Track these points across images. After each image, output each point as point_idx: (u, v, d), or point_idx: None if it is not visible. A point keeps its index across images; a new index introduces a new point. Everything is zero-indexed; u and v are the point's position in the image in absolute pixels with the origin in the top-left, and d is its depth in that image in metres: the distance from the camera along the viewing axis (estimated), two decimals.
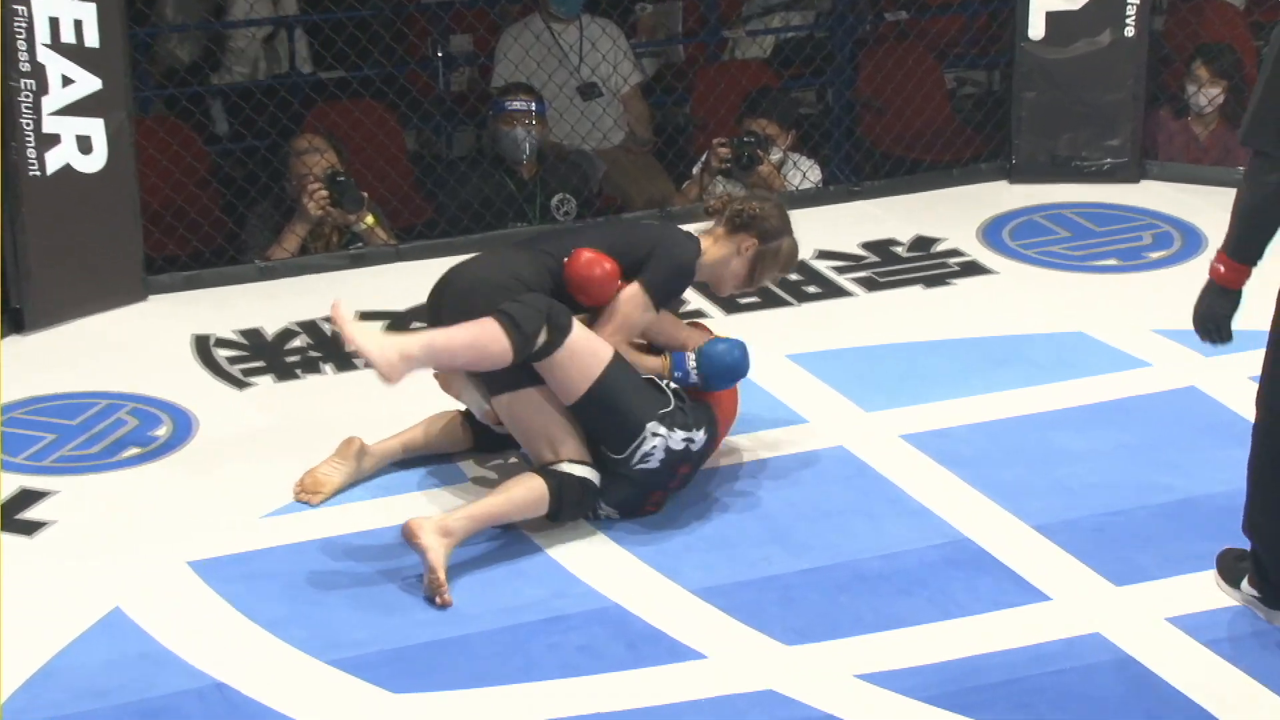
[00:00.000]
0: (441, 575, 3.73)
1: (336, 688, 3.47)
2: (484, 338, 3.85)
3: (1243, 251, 3.50)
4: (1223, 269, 3.54)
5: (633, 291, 4.07)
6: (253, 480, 4.25)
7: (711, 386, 4.12)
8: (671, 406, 3.98)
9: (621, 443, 3.95)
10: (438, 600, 3.72)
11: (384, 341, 3.86)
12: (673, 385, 4.07)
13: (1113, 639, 3.55)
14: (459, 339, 3.88)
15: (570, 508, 3.94)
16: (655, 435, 3.94)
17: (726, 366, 4.11)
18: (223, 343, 5.05)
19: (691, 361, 4.11)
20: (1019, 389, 4.65)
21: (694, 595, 3.75)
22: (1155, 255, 5.57)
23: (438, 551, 3.73)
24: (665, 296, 4.13)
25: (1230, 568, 3.72)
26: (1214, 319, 3.59)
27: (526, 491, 3.89)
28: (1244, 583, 3.66)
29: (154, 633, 3.64)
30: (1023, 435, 4.41)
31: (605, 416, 3.94)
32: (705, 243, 4.17)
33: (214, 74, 6.45)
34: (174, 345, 5.02)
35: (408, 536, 3.78)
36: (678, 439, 3.95)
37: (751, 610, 3.68)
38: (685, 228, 4.30)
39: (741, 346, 4.15)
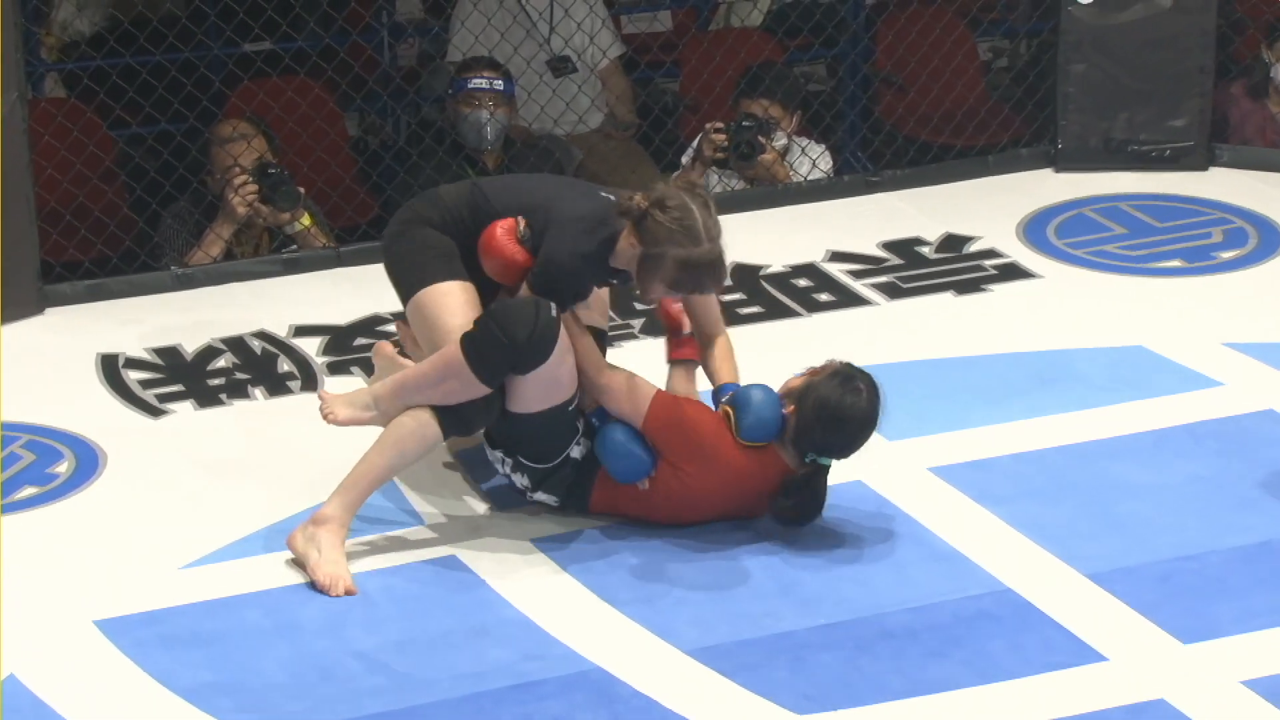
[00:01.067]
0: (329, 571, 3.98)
1: None
2: (446, 370, 4.05)
3: None
4: None
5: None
6: (170, 525, 4.27)
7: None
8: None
9: (543, 457, 4.16)
10: (342, 590, 3.96)
11: (362, 398, 4.20)
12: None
13: (1180, 706, 3.57)
14: (425, 374, 4.11)
15: (478, 420, 4.12)
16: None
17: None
18: (133, 363, 5.06)
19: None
20: (1069, 413, 4.68)
21: (689, 656, 3.76)
22: (1227, 255, 5.62)
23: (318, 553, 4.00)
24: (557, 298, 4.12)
25: None
26: None
27: (398, 425, 4.08)
28: None
29: (53, 703, 3.63)
30: (1074, 467, 4.44)
31: (536, 438, 4.14)
32: (624, 232, 4.13)
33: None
34: (76, 366, 5.03)
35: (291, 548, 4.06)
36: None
37: (756, 674, 3.69)
38: None
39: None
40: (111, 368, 5.04)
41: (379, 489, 4.15)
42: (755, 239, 5.71)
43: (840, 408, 4.07)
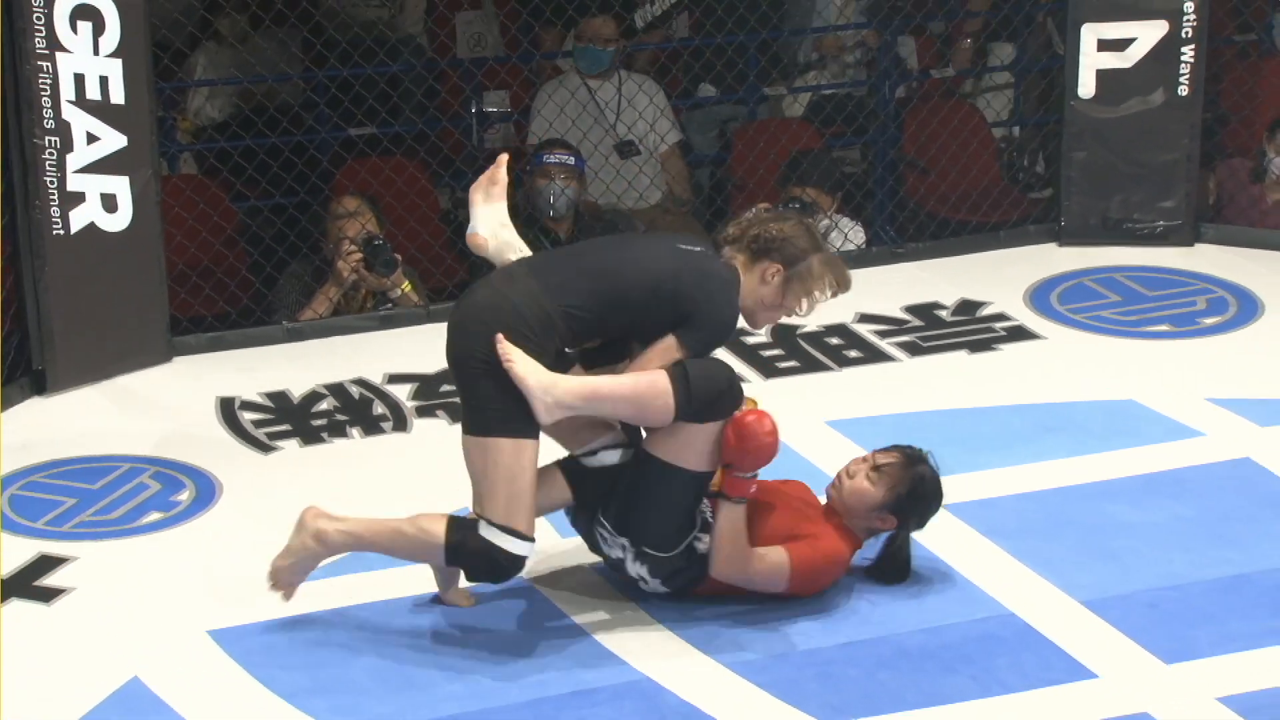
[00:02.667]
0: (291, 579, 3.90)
1: None
2: (648, 394, 3.73)
3: None
4: None
5: (669, 345, 3.80)
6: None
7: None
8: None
9: (667, 543, 3.88)
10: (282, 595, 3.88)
11: (546, 381, 3.71)
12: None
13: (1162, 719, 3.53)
14: (621, 391, 3.76)
15: (474, 569, 3.83)
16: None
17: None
18: (248, 405, 5.08)
19: None
20: (1068, 458, 4.64)
21: (729, 670, 3.73)
22: (1209, 321, 5.57)
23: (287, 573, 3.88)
24: (702, 352, 3.85)
25: None
26: None
27: (419, 532, 3.84)
28: None
29: (173, 703, 3.65)
30: (1072, 506, 4.40)
31: (672, 514, 3.86)
32: (742, 271, 3.89)
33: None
34: (198, 408, 5.06)
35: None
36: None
37: (788, 686, 3.67)
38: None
39: None
40: (229, 409, 5.06)
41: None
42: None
43: (932, 491, 4.01)
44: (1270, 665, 3.69)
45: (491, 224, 4.09)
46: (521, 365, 3.71)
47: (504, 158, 4.07)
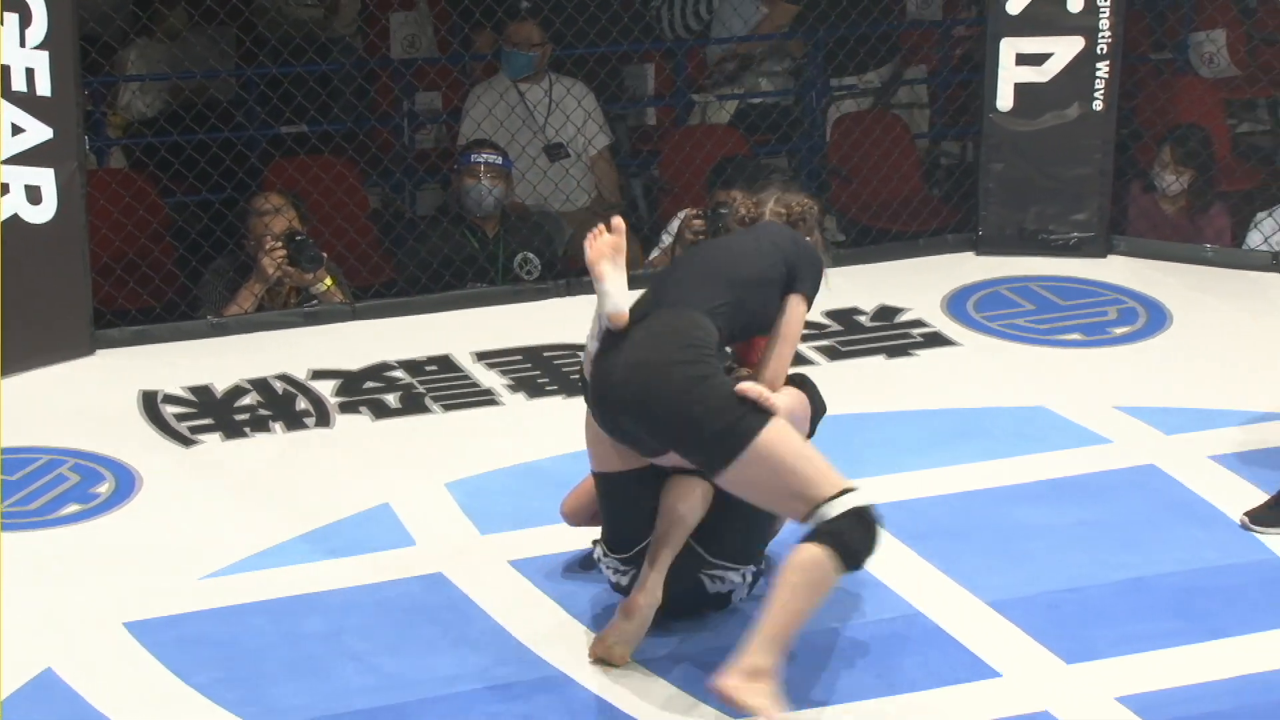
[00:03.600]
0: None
1: None
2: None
3: None
4: None
5: (798, 303, 3.79)
6: (193, 541, 4.25)
7: None
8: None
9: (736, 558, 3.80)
10: None
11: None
12: None
13: (1061, 718, 3.56)
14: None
15: (868, 547, 3.47)
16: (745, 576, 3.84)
17: None
18: (170, 399, 5.05)
19: None
20: (979, 462, 4.67)
21: (641, 665, 3.73)
22: (1119, 331, 5.61)
23: (772, 707, 3.37)
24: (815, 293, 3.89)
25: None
26: None
27: (805, 580, 3.41)
28: None
29: (86, 695, 3.62)
30: (980, 510, 4.42)
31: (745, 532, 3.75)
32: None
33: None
34: (120, 400, 5.02)
35: (726, 700, 3.39)
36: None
37: (695, 681, 3.66)
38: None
39: None
40: (151, 403, 5.03)
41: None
42: None
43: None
44: (1167, 666, 3.73)
45: (625, 293, 3.74)
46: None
47: (619, 223, 3.75)
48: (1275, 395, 5.01)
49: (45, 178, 5.08)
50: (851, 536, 3.41)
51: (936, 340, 5.55)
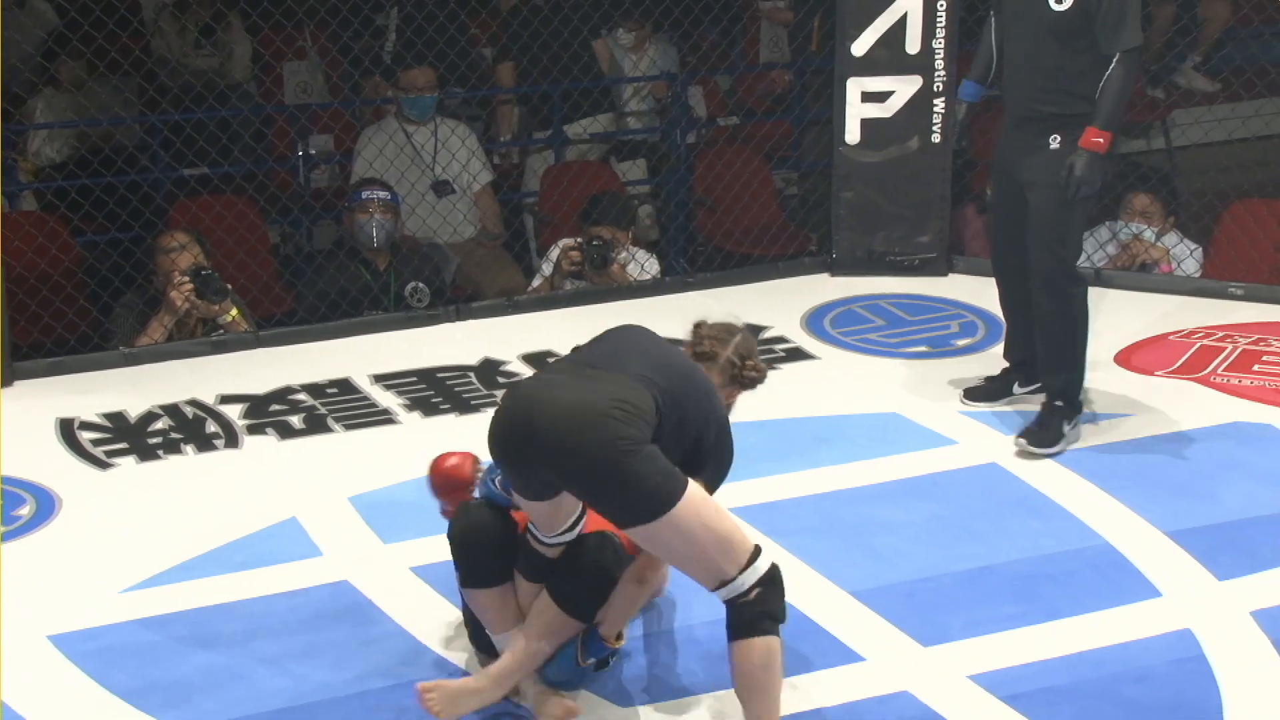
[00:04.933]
0: None
1: None
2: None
3: (1116, 123, 4.46)
4: (1103, 140, 4.46)
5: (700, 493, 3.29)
6: (112, 557, 4.19)
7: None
8: None
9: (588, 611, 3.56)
10: None
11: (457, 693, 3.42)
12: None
13: (920, 696, 3.60)
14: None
15: (783, 606, 3.31)
16: None
17: None
18: (86, 425, 4.98)
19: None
20: (838, 465, 4.71)
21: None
22: (961, 342, 5.69)
23: None
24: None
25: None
26: (1095, 180, 4.48)
27: (765, 656, 3.23)
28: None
29: (13, 703, 3.55)
30: (841, 508, 4.46)
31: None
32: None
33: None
34: (38, 428, 4.94)
35: None
36: None
37: (594, 676, 3.66)
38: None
39: None
40: (68, 429, 4.95)
41: None
42: (598, 326, 5.70)
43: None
44: (1012, 646, 3.79)
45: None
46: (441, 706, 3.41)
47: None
48: (1103, 398, 5.13)
49: None
50: (775, 606, 3.24)
51: (797, 355, 5.61)
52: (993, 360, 5.31)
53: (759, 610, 3.21)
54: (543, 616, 3.50)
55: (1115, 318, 5.77)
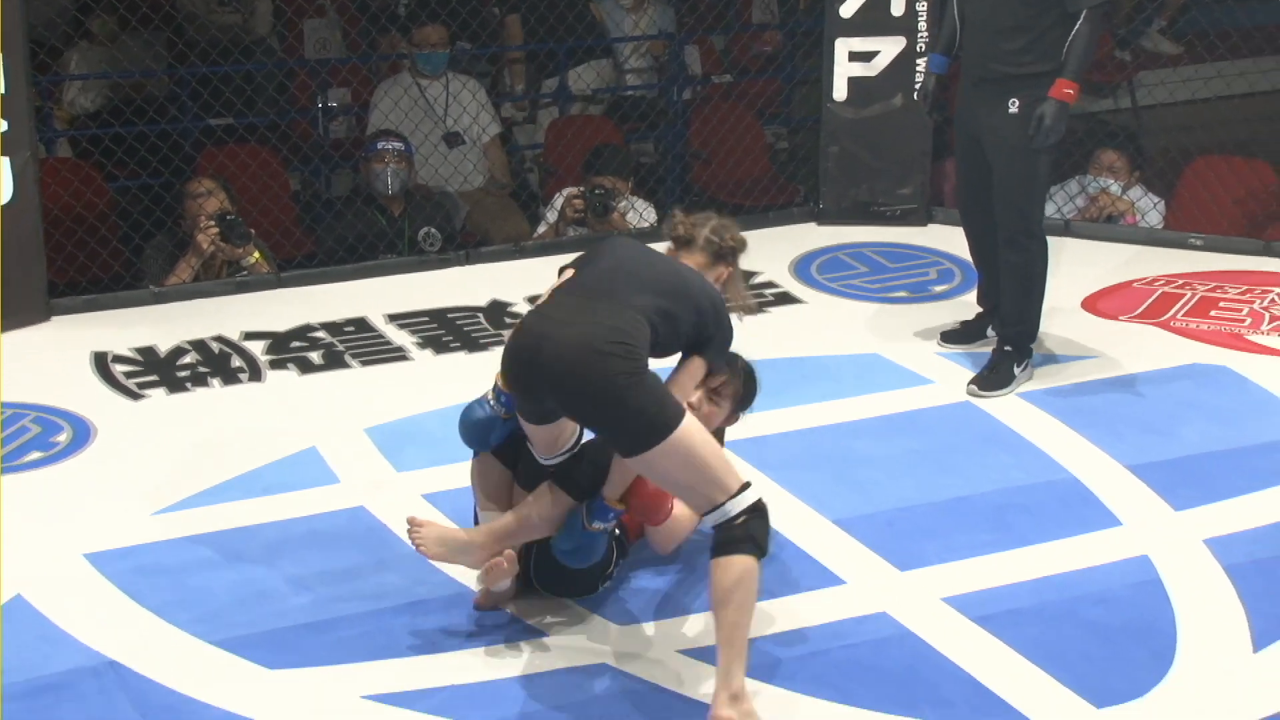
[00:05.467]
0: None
1: (219, 664, 3.45)
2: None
3: (1083, 75, 4.48)
4: (1071, 92, 4.46)
5: (699, 365, 3.45)
6: (144, 482, 4.20)
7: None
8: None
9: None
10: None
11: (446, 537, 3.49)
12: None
13: (896, 616, 3.63)
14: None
15: (767, 537, 3.28)
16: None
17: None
18: (119, 359, 4.98)
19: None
20: (823, 402, 4.72)
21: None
22: (939, 289, 5.69)
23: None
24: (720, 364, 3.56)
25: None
26: (1060, 129, 4.48)
27: (741, 573, 3.19)
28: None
29: (52, 617, 3.58)
30: (825, 443, 4.48)
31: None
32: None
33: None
34: (74, 361, 4.94)
35: None
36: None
37: (564, 605, 3.68)
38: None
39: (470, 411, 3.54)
40: (102, 363, 4.95)
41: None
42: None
43: (755, 381, 3.86)
44: (984, 571, 3.82)
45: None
46: (426, 539, 3.49)
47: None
48: (1070, 341, 5.13)
49: (3, 166, 4.97)
50: (759, 533, 3.22)
51: (786, 299, 5.60)
52: (967, 305, 5.32)
53: (742, 533, 3.21)
54: (541, 498, 3.51)
55: (1083, 266, 5.78)
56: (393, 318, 5.36)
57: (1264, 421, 4.56)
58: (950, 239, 6.04)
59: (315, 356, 5.06)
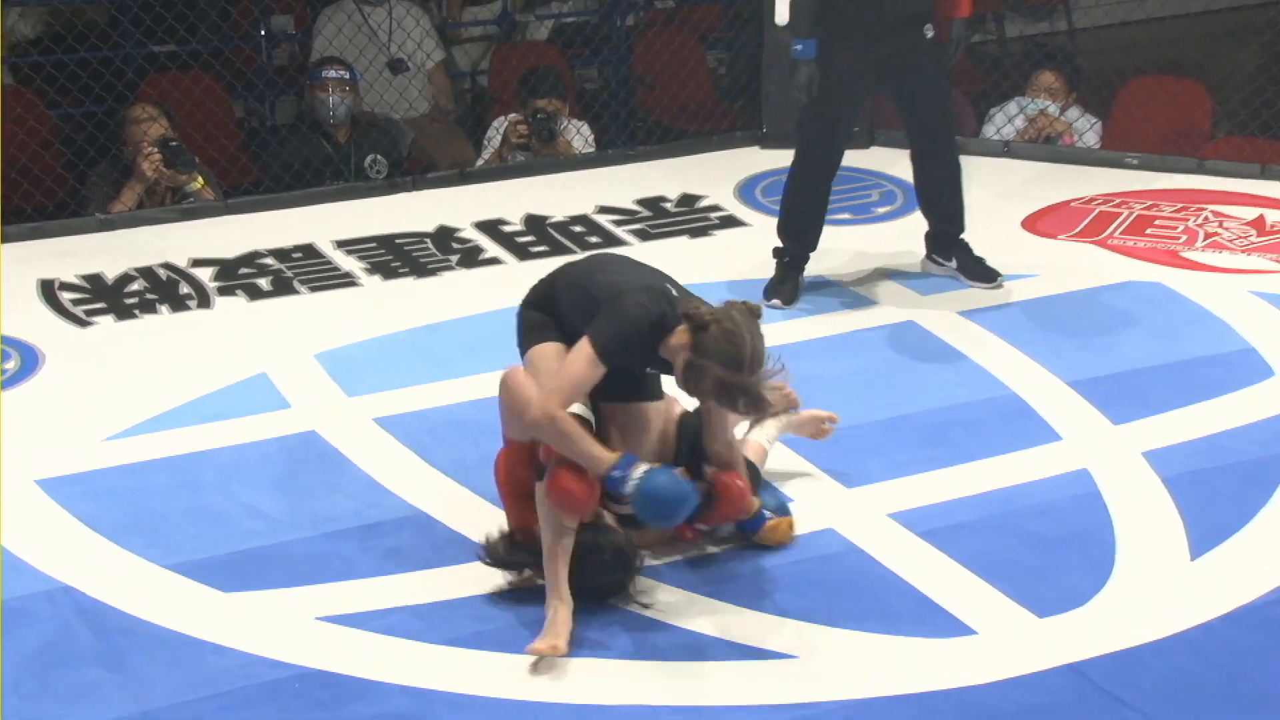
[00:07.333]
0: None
1: (173, 588, 3.41)
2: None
3: None
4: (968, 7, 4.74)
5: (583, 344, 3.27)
6: (96, 408, 4.15)
7: (639, 514, 3.28)
8: None
9: None
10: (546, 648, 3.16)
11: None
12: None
13: (843, 532, 3.64)
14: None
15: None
16: None
17: (659, 502, 3.24)
18: (66, 286, 4.89)
19: (637, 472, 3.24)
20: (770, 324, 4.55)
21: (486, 502, 3.71)
22: (882, 210, 5.68)
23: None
24: (611, 353, 3.27)
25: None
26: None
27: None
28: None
29: (5, 543, 3.53)
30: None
31: None
32: (681, 328, 3.28)
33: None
34: (21, 289, 4.85)
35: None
36: None
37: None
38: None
39: (687, 493, 3.26)
40: (49, 290, 4.87)
41: None
42: (544, 196, 5.70)
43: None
44: (926, 487, 3.83)
45: None
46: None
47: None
48: (1010, 260, 5.13)
49: None
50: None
51: (731, 222, 5.58)
52: (910, 227, 5.30)
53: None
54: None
55: (1022, 186, 5.77)
56: (341, 244, 5.30)
57: (1199, 336, 4.58)
58: (893, 161, 6.01)
59: (264, 283, 4.99)
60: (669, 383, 3.40)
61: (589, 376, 3.26)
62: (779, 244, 4.97)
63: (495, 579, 3.43)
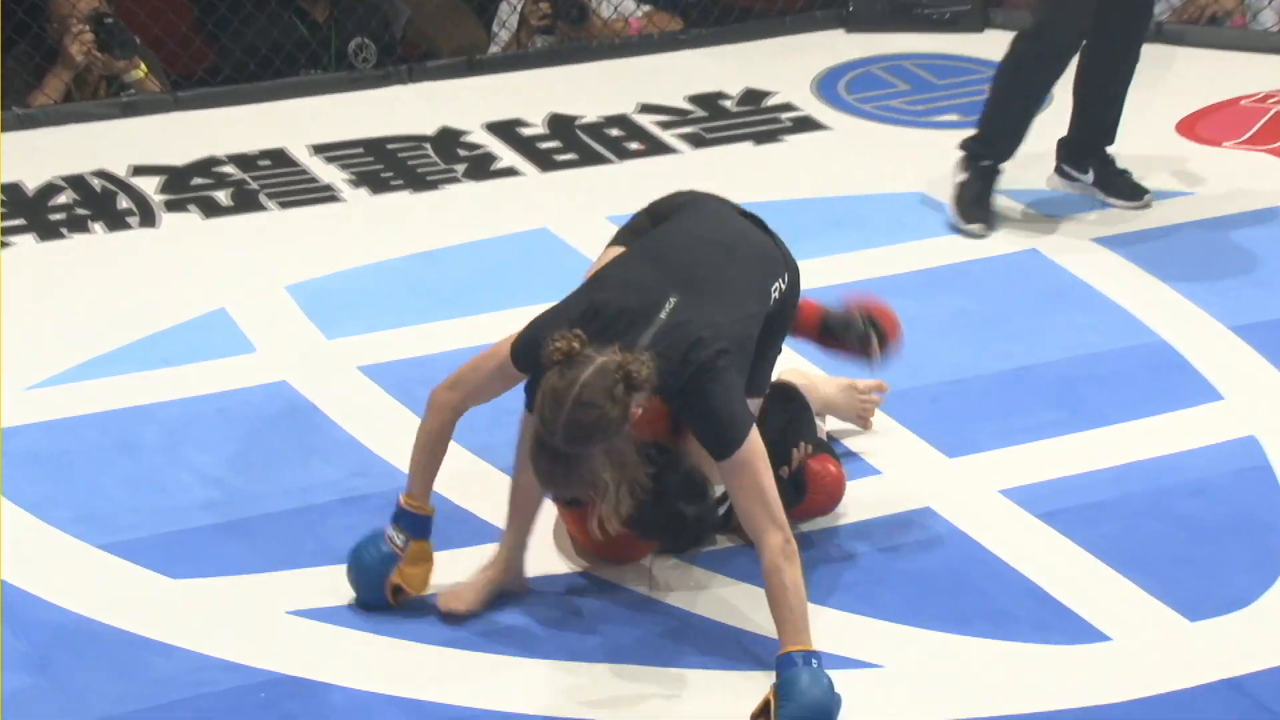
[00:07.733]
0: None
1: (107, 573, 3.46)
2: None
3: None
4: None
5: None
6: (14, 350, 4.19)
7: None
8: None
9: None
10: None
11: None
12: None
13: (943, 513, 3.65)
14: None
15: None
16: None
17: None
18: None
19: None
20: (854, 252, 4.72)
21: (494, 469, 3.75)
22: None
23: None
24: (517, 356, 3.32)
25: None
26: None
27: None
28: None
29: None
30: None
31: None
32: None
33: None
34: None
35: None
36: None
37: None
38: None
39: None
40: None
41: None
42: (571, 91, 5.71)
43: None
44: (1048, 457, 3.84)
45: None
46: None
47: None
48: (1161, 173, 5.11)
49: None
50: None
51: (806, 125, 5.58)
52: (1036, 128, 5.28)
53: None
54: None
55: (1179, 80, 5.76)
56: (319, 149, 5.33)
57: None
58: None
59: (222, 196, 5.04)
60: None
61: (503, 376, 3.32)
62: (975, 144, 4.90)
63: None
